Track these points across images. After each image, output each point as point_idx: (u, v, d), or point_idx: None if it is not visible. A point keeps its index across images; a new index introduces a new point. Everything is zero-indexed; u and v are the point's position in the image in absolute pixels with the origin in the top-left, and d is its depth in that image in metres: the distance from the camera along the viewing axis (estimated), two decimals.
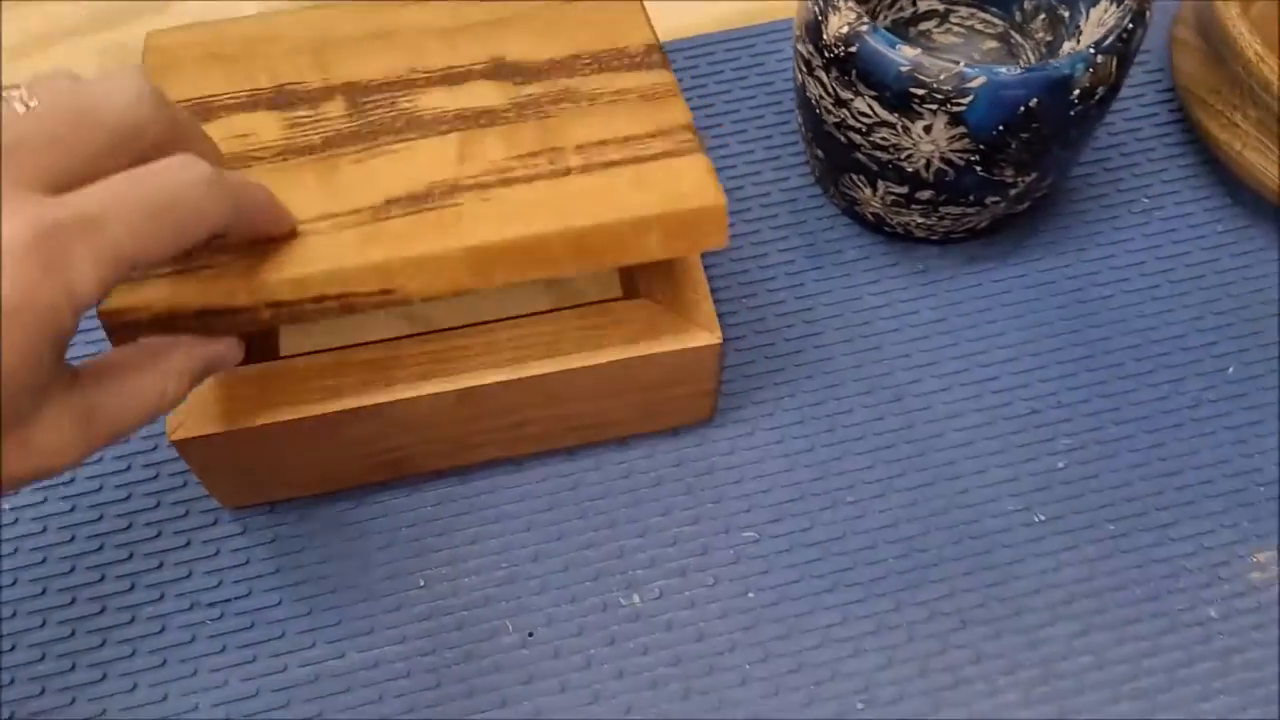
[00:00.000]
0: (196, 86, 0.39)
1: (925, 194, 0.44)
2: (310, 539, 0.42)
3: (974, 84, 0.39)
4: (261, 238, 0.33)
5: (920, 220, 0.46)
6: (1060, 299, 0.47)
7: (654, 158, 0.36)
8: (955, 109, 0.39)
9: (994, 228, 0.48)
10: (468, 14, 0.41)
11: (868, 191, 0.45)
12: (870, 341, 0.46)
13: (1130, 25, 0.40)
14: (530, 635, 0.40)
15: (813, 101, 0.44)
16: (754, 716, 0.38)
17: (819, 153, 0.47)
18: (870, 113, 0.41)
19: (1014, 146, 0.41)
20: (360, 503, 0.42)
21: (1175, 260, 0.48)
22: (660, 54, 0.39)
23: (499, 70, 0.39)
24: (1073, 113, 0.40)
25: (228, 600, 0.40)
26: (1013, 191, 0.44)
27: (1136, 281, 0.47)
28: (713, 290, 0.46)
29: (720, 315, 0.46)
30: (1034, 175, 0.43)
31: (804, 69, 0.44)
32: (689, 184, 0.35)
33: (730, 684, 0.39)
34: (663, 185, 0.35)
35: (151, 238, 0.27)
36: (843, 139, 0.44)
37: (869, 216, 0.47)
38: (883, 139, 0.42)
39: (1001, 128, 0.40)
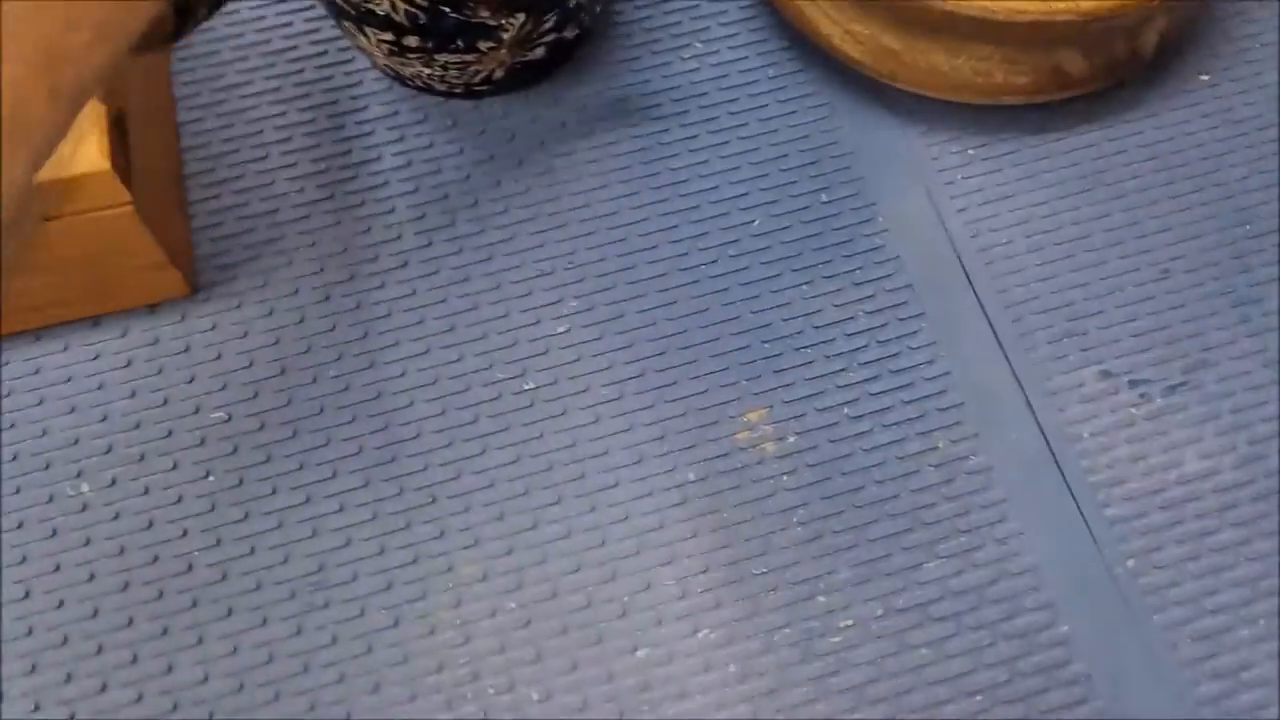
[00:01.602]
0: None
1: (412, 40, 0.40)
2: None
3: None
4: None
5: (426, 71, 0.42)
6: (593, 149, 0.44)
7: None
8: None
9: (530, 78, 0.44)
10: None
11: (363, 39, 0.42)
12: (384, 205, 0.43)
13: None
14: None
15: None
16: (215, 599, 0.37)
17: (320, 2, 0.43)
18: None
19: None
20: None
21: (719, 108, 0.45)
22: None
23: None
24: None
25: None
26: (506, 35, 0.40)
27: (675, 132, 0.44)
28: (217, 154, 0.43)
29: (220, 181, 0.43)
30: (522, 17, 0.40)
31: None
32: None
33: (177, 571, 0.37)
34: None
35: None
36: None
37: (386, 70, 0.44)
38: None
39: None
